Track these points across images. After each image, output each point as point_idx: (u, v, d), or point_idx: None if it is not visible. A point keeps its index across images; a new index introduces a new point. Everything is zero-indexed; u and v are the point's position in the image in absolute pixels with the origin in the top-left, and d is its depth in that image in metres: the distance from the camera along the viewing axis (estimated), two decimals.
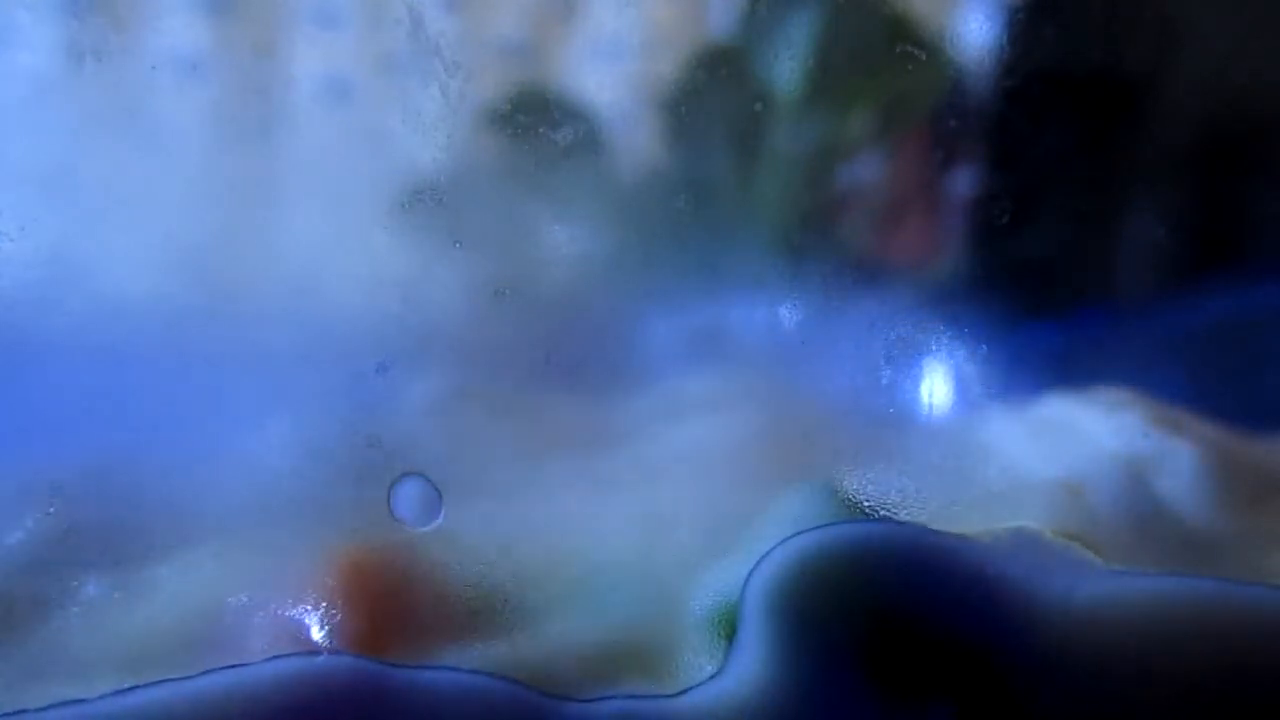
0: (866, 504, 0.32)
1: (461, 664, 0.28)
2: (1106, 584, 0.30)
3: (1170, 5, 0.34)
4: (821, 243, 0.33)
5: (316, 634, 0.29)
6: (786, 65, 0.32)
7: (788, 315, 0.33)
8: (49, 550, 0.30)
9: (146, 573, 0.30)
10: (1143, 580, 0.30)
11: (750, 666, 0.28)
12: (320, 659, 0.27)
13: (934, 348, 0.33)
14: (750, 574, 0.29)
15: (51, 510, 0.30)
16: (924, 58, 0.32)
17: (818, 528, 0.30)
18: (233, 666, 0.26)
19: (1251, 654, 0.29)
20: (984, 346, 0.33)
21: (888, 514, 0.32)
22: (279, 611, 0.30)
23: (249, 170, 0.31)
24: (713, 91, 0.32)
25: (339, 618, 0.29)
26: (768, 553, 0.29)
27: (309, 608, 0.30)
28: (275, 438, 0.31)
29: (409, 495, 0.31)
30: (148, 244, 0.31)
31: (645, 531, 0.32)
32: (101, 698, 0.26)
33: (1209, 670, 0.29)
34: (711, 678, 0.28)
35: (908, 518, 0.32)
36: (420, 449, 0.31)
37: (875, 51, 0.33)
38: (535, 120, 0.32)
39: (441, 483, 0.31)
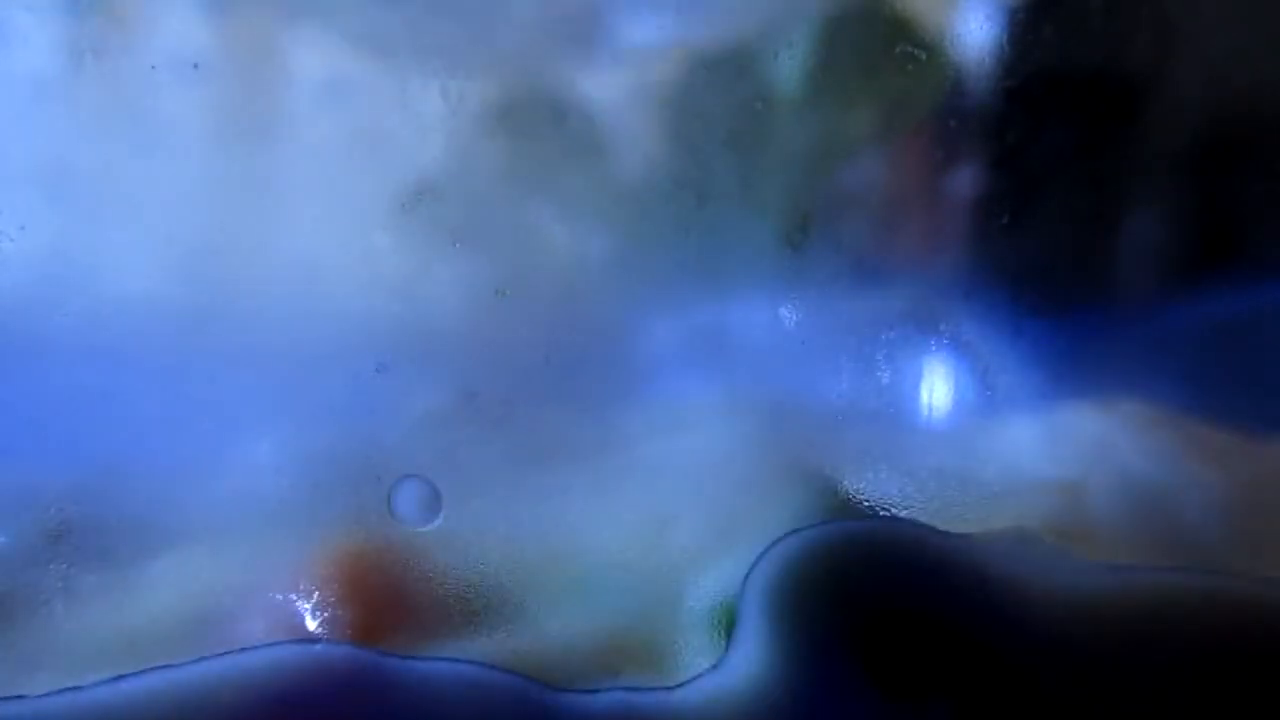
0: (866, 504, 0.32)
1: (461, 658, 0.28)
2: (1105, 581, 0.30)
3: (1170, 5, 0.34)
4: (821, 243, 0.33)
5: (315, 629, 0.29)
6: (786, 65, 0.32)
7: (788, 315, 0.33)
8: (49, 546, 0.30)
9: (146, 569, 0.30)
10: (1141, 577, 0.30)
11: (748, 661, 0.28)
12: (317, 647, 0.27)
13: (934, 348, 0.33)
14: (749, 570, 0.29)
15: (52, 507, 0.30)
16: (924, 58, 0.32)
17: (816, 525, 0.30)
18: (229, 653, 0.26)
19: (1248, 649, 0.29)
20: (984, 346, 0.33)
21: (888, 514, 0.32)
22: (278, 608, 0.30)
23: (249, 170, 0.31)
24: (713, 91, 0.32)
25: (338, 613, 0.29)
26: (767, 549, 0.29)
27: (308, 604, 0.30)
28: (275, 437, 0.31)
29: (409, 495, 0.31)
30: (148, 244, 0.31)
31: (645, 529, 0.32)
32: (99, 684, 0.26)
33: (1207, 666, 0.29)
34: (709, 672, 0.28)
35: (908, 517, 0.32)
36: (420, 448, 0.31)
37: (875, 51, 0.33)
38: (535, 120, 0.32)
39: (441, 482, 0.31)
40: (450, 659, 0.28)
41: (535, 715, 0.27)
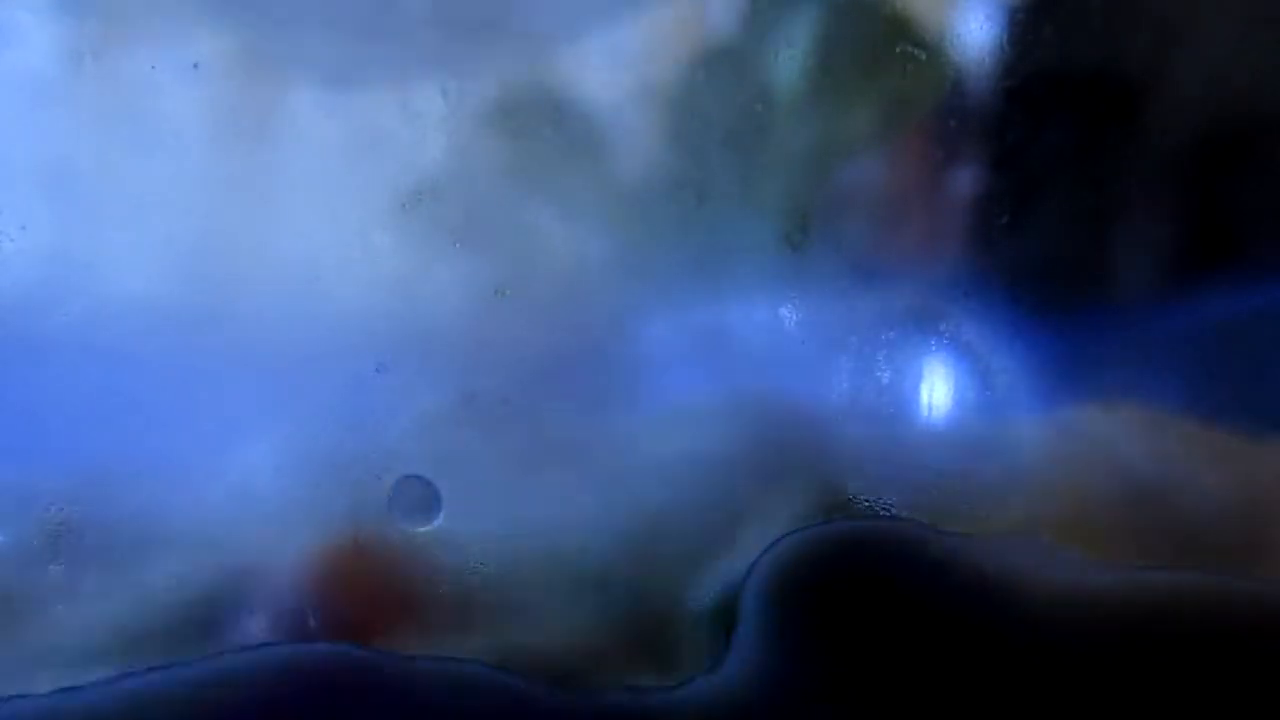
0: (866, 504, 0.32)
1: (461, 657, 0.28)
2: (1105, 581, 0.30)
3: (1170, 5, 0.34)
4: (821, 243, 0.33)
5: (315, 629, 0.29)
6: (786, 65, 0.32)
7: (788, 315, 0.33)
8: (49, 546, 0.30)
9: (146, 569, 0.30)
10: (1141, 577, 0.30)
11: (748, 661, 0.28)
12: (317, 647, 0.27)
13: (934, 348, 0.33)
14: (750, 569, 0.29)
15: (52, 507, 0.30)
16: (924, 58, 0.32)
17: (816, 524, 0.30)
18: (229, 653, 0.26)
19: (1248, 649, 0.29)
20: (984, 346, 0.33)
21: (888, 514, 0.32)
22: (277, 608, 0.30)
23: (249, 170, 0.31)
24: (713, 91, 0.32)
25: (338, 613, 0.30)
26: (767, 548, 0.29)
27: (308, 604, 0.30)
28: (275, 437, 0.31)
29: (409, 495, 0.31)
30: (148, 244, 0.31)
31: (645, 529, 0.32)
32: (99, 683, 0.26)
33: (1207, 666, 0.29)
34: (709, 672, 0.28)
35: (908, 517, 0.32)
36: (420, 448, 0.31)
37: (875, 51, 0.33)
38: (535, 120, 0.32)
39: (441, 482, 0.31)
40: (450, 659, 0.28)
41: (535, 715, 0.28)
